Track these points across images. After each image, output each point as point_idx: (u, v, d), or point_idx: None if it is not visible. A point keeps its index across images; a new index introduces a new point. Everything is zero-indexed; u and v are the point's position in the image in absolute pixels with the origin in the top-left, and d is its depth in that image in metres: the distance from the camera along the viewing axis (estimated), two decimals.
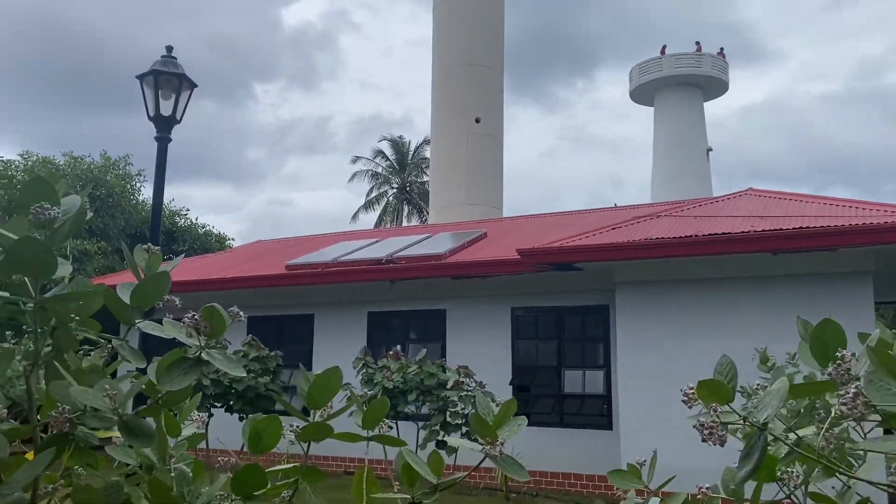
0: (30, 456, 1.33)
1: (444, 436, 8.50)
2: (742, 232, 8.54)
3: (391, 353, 9.38)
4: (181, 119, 8.13)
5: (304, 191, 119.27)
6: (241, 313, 1.32)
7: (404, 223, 40.27)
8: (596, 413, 11.03)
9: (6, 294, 1.31)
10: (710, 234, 8.72)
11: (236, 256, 17.10)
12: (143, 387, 1.42)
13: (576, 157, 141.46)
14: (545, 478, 10.90)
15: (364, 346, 11.09)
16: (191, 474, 1.45)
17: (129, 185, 27.93)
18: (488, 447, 1.35)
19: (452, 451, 7.19)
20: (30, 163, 26.18)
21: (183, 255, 1.84)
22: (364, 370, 9.64)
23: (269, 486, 1.41)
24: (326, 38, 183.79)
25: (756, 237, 8.44)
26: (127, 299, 1.47)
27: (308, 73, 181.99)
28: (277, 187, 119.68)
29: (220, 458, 1.45)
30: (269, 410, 11.21)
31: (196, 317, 1.31)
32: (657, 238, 8.98)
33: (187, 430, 1.59)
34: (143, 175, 28.86)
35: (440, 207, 25.48)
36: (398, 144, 43.64)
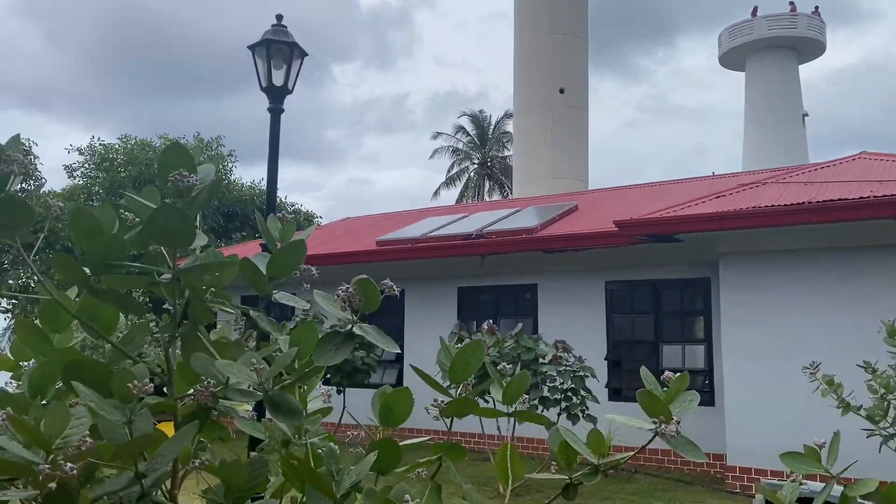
0: (165, 428, 1.29)
1: (542, 410, 8.38)
2: (861, 198, 7.97)
3: (486, 327, 9.31)
4: (293, 89, 7.90)
5: (383, 169, 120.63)
6: (395, 287, 1.24)
7: (485, 198, 40.07)
8: (697, 389, 10.65)
9: (143, 265, 1.26)
10: (824, 201, 8.19)
11: (326, 234, 17.38)
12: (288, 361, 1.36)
13: (658, 128, 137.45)
14: (643, 454, 10.67)
15: (458, 321, 11.06)
16: (338, 451, 1.41)
17: (221, 166, 28.78)
18: (661, 426, 1.25)
19: (552, 425, 7.07)
20: (129, 146, 27.27)
21: (315, 225, 1.76)
22: (459, 345, 9.61)
23: (401, 461, 1.36)
24: (402, 16, 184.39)
25: (878, 203, 7.85)
26: (263, 269, 1.42)
27: (384, 52, 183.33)
28: (357, 166, 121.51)
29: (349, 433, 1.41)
30: (364, 384, 11.41)
31: (350, 289, 1.25)
32: (766, 206, 8.50)
33: (313, 404, 1.57)
34: (234, 156, 29.70)
35: (524, 181, 25.12)
36: (478, 119, 43.30)
